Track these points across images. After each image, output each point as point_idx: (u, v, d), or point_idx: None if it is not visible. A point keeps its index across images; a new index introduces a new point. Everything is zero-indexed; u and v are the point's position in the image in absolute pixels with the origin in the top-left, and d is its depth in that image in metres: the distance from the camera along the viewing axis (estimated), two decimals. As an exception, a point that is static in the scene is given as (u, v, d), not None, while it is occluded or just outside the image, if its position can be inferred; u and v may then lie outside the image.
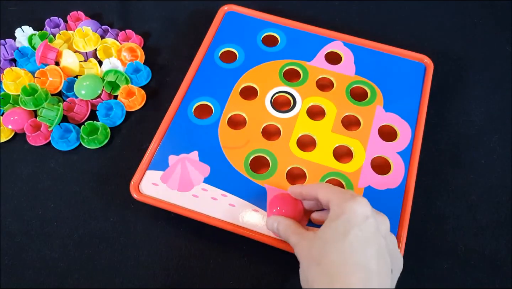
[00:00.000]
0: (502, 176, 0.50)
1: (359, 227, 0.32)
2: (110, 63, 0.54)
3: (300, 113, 0.49)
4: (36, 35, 0.55)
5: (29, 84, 0.50)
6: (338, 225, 0.32)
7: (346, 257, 0.31)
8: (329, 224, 0.33)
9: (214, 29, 0.55)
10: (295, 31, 0.55)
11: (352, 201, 0.33)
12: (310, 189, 0.38)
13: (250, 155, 0.46)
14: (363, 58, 0.53)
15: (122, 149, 0.51)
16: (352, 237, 0.31)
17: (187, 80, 0.51)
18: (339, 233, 0.32)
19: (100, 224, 0.47)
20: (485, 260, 0.45)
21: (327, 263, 0.31)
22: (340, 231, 0.32)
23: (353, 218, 0.32)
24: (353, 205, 0.33)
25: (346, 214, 0.33)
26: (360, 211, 0.33)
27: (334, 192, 0.35)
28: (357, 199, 0.33)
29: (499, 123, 0.53)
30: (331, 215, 0.34)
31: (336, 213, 0.33)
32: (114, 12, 0.61)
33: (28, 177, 0.50)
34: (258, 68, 0.52)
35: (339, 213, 0.33)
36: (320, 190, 0.37)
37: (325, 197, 0.36)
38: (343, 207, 0.33)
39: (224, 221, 0.43)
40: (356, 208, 0.33)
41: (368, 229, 0.32)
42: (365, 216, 0.32)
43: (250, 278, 0.44)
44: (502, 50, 0.59)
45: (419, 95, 0.50)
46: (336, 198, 0.35)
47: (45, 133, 0.50)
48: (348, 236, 0.31)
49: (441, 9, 0.62)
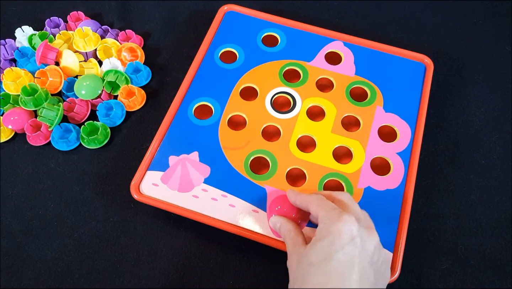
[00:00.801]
0: (502, 176, 0.50)
1: (343, 250, 0.32)
2: (110, 63, 0.54)
3: (300, 114, 0.49)
4: (36, 35, 0.55)
5: (29, 84, 0.50)
6: (322, 246, 0.33)
7: (328, 280, 0.31)
8: (315, 244, 0.33)
9: (214, 29, 0.55)
10: (295, 31, 0.55)
11: (338, 221, 0.33)
12: (303, 200, 0.39)
13: (250, 155, 0.46)
14: (363, 58, 0.53)
15: (122, 149, 0.51)
16: (334, 262, 0.31)
17: (187, 80, 0.51)
18: (323, 255, 0.32)
19: (100, 224, 0.47)
20: (485, 260, 0.45)
21: (310, 285, 0.32)
22: (324, 253, 0.32)
23: (337, 240, 0.32)
24: (338, 225, 0.33)
25: (331, 235, 0.33)
26: (346, 231, 0.32)
27: (323, 208, 0.35)
28: (343, 218, 0.33)
29: (499, 123, 0.53)
30: (317, 233, 0.34)
31: (322, 233, 0.34)
32: (114, 12, 0.61)
33: (28, 177, 0.50)
34: (258, 69, 0.52)
35: (324, 234, 0.33)
36: (311, 205, 0.37)
37: (315, 213, 0.36)
38: (329, 227, 0.33)
39: (224, 222, 0.43)
40: (342, 229, 0.32)
41: (352, 252, 0.32)
42: (350, 237, 0.32)
43: (250, 278, 0.44)
44: (502, 50, 0.59)
45: (419, 95, 0.50)
46: (323, 216, 0.35)
47: (45, 134, 0.50)
48: (331, 261, 0.31)
49: (441, 9, 0.62)
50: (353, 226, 0.33)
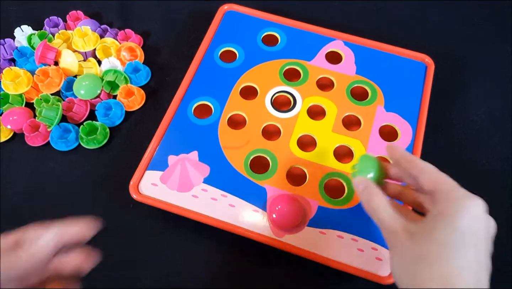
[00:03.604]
0: (503, 176, 0.50)
1: (476, 234, 0.29)
2: (110, 63, 0.54)
3: (300, 113, 0.49)
4: (35, 35, 0.55)
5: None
6: (452, 226, 0.29)
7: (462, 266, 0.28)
8: (441, 221, 0.29)
9: (214, 29, 0.55)
10: (295, 31, 0.54)
11: (468, 200, 0.29)
12: (412, 163, 0.33)
13: (250, 155, 0.46)
14: (363, 57, 0.52)
15: (122, 149, 0.51)
16: (468, 247, 0.28)
17: (186, 80, 0.51)
18: (454, 238, 0.28)
19: (100, 224, 0.46)
20: (485, 261, 0.45)
21: (443, 269, 0.28)
22: (455, 235, 0.28)
23: (468, 222, 0.28)
24: (470, 206, 0.29)
25: (460, 216, 0.29)
26: (476, 214, 0.29)
27: (444, 180, 0.31)
28: (474, 199, 0.29)
29: (499, 123, 0.53)
30: (440, 208, 0.30)
31: (447, 209, 0.29)
32: (114, 11, 0.61)
33: (27, 177, 0.49)
34: (258, 68, 0.52)
35: (451, 211, 0.29)
36: (426, 173, 0.32)
37: (431, 182, 0.31)
38: (457, 205, 0.29)
39: (224, 222, 0.43)
40: (473, 211, 0.29)
41: (482, 235, 0.29)
42: (480, 220, 0.29)
43: (250, 278, 0.44)
44: (502, 50, 0.59)
45: (420, 95, 0.50)
46: (447, 189, 0.30)
47: (43, 134, 0.50)
48: (465, 244, 0.28)
49: (442, 9, 0.62)
50: (483, 208, 0.29)
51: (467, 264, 0.28)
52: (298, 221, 0.42)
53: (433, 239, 0.29)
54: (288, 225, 0.42)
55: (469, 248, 0.28)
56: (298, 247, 0.41)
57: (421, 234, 0.29)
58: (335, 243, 0.42)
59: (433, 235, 0.29)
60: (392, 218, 0.31)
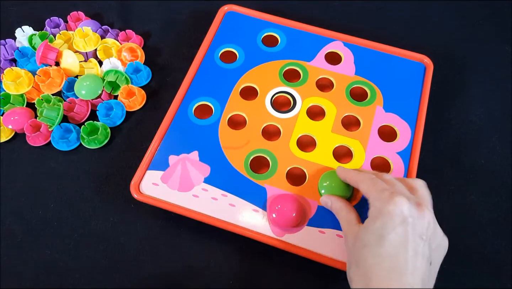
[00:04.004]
0: (502, 176, 0.50)
1: (395, 231, 0.32)
2: (110, 63, 0.54)
3: (300, 114, 0.49)
4: (36, 35, 0.55)
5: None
6: (375, 228, 0.33)
7: (381, 261, 0.32)
8: (367, 226, 0.34)
9: (214, 29, 0.55)
10: (295, 31, 0.55)
11: (389, 203, 0.33)
12: (353, 177, 0.40)
13: (250, 155, 0.46)
14: (363, 58, 0.53)
15: (122, 149, 0.51)
16: (387, 242, 0.32)
17: (187, 80, 0.51)
18: (376, 237, 0.33)
19: (100, 224, 0.47)
20: (485, 260, 0.45)
21: (365, 267, 0.33)
22: (376, 235, 0.33)
23: (389, 222, 0.33)
24: (389, 208, 0.33)
25: (383, 217, 0.33)
26: (397, 212, 0.33)
27: (374, 188, 0.36)
28: (394, 200, 0.33)
29: (499, 123, 0.53)
30: (369, 214, 0.35)
31: (374, 214, 0.34)
32: (114, 12, 0.61)
33: (28, 177, 0.50)
34: (258, 69, 0.52)
35: (376, 215, 0.34)
36: (361, 183, 0.38)
37: (365, 192, 0.37)
38: (381, 209, 0.34)
39: (224, 221, 0.43)
40: (393, 211, 0.33)
41: (404, 232, 0.32)
42: (402, 218, 0.33)
43: (250, 278, 0.44)
44: (502, 50, 0.59)
45: (419, 95, 0.50)
46: (374, 196, 0.35)
47: (44, 134, 0.50)
48: (384, 242, 0.32)
49: (441, 9, 0.62)
50: (404, 207, 0.33)
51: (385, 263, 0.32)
52: (298, 221, 0.42)
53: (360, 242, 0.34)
54: (288, 225, 0.42)
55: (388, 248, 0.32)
56: (298, 246, 0.42)
57: (356, 238, 0.35)
58: (335, 242, 0.42)
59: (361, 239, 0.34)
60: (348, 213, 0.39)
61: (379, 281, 0.31)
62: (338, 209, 0.40)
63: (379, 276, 0.32)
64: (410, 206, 0.34)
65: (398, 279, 0.31)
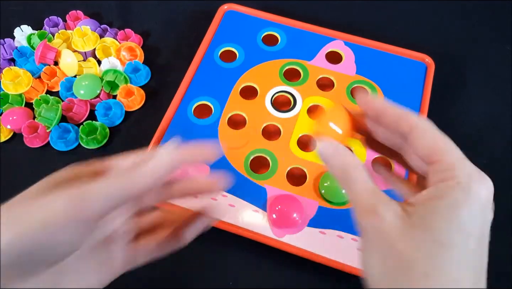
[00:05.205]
0: (502, 175, 0.50)
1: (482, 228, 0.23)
2: (109, 63, 0.54)
3: (300, 113, 0.49)
4: (35, 35, 0.55)
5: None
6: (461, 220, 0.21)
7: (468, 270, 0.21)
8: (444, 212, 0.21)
9: (214, 29, 0.55)
10: (295, 30, 0.54)
11: (480, 182, 0.23)
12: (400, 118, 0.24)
13: (250, 155, 0.46)
14: (364, 57, 0.52)
15: (121, 149, 0.50)
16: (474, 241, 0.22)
17: (186, 79, 0.51)
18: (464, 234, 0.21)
19: (99, 224, 0.47)
20: (485, 260, 0.45)
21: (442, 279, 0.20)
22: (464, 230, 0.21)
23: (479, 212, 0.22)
24: (481, 191, 0.23)
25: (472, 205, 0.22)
26: (488, 200, 0.23)
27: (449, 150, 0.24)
28: (486, 180, 0.23)
29: (499, 123, 0.53)
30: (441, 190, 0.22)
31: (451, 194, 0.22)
32: (113, 11, 0.61)
33: (27, 177, 0.49)
34: (258, 68, 0.52)
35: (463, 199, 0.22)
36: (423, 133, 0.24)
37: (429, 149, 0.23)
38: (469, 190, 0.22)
39: (224, 221, 0.43)
40: (486, 197, 0.23)
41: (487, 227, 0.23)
42: (487, 210, 0.23)
43: (250, 278, 0.44)
44: (502, 50, 0.59)
45: (420, 95, 0.50)
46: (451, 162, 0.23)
47: (42, 135, 0.50)
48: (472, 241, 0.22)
49: (441, 9, 0.62)
50: (491, 190, 0.23)
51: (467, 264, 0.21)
52: (298, 221, 0.42)
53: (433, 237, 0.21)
54: (288, 225, 0.42)
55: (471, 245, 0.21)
56: (298, 247, 0.41)
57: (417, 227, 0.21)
58: (335, 243, 0.42)
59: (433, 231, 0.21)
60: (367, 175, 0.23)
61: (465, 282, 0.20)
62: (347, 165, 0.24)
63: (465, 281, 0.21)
64: None
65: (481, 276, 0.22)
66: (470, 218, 0.22)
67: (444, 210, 0.21)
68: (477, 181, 0.23)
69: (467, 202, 0.22)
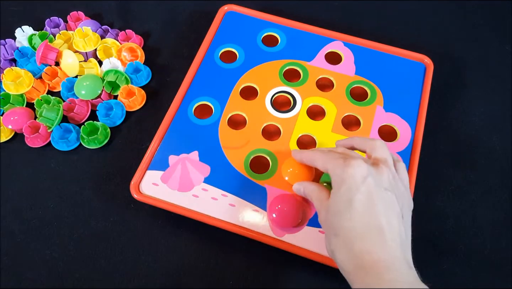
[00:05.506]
0: (502, 176, 0.50)
1: (360, 191, 0.33)
2: (110, 63, 0.54)
3: (300, 113, 0.49)
4: (36, 35, 0.55)
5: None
6: (341, 194, 0.34)
7: (356, 222, 0.33)
8: (334, 195, 0.35)
9: (214, 29, 0.55)
10: (295, 31, 0.55)
11: (347, 166, 0.34)
12: (308, 157, 0.40)
13: (250, 155, 0.46)
14: (363, 58, 0.53)
15: (122, 149, 0.51)
16: (356, 203, 0.33)
17: (187, 80, 0.51)
18: (345, 201, 0.34)
19: (100, 224, 0.47)
20: (485, 260, 0.45)
21: (343, 233, 0.33)
22: (345, 199, 0.34)
23: (352, 184, 0.34)
24: (349, 171, 0.34)
25: (346, 182, 0.34)
26: (357, 174, 0.34)
27: (329, 160, 0.37)
28: (352, 163, 0.34)
29: (499, 123, 0.53)
30: (333, 185, 0.36)
31: (337, 183, 0.35)
32: (114, 12, 0.61)
33: (28, 177, 0.50)
34: (258, 68, 0.52)
35: (339, 183, 0.35)
36: (317, 160, 0.38)
37: (323, 167, 0.37)
38: (341, 175, 0.34)
39: (224, 221, 0.43)
40: (353, 173, 0.34)
41: (368, 189, 0.33)
42: (363, 178, 0.34)
43: (250, 278, 0.44)
44: (502, 50, 0.59)
45: (419, 95, 0.50)
46: (332, 167, 0.36)
47: (43, 135, 0.50)
48: (352, 204, 0.33)
49: (441, 9, 0.62)
50: (362, 167, 0.34)
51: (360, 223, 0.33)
52: (298, 221, 0.42)
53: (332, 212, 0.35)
54: (288, 225, 0.42)
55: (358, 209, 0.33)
56: (298, 247, 0.42)
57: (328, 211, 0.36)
58: (335, 242, 0.42)
59: (332, 209, 0.35)
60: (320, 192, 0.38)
61: (362, 242, 0.32)
62: (311, 191, 0.39)
63: (360, 237, 0.32)
64: (368, 166, 0.34)
65: (378, 235, 0.32)
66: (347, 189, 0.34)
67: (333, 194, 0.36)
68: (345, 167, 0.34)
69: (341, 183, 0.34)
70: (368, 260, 0.31)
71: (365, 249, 0.32)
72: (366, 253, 0.32)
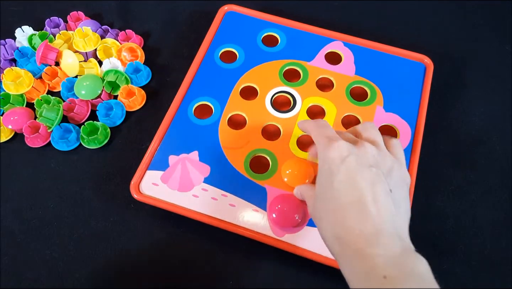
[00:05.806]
0: (502, 176, 0.50)
1: (340, 171, 0.33)
2: (110, 63, 0.54)
3: (300, 113, 0.49)
4: (36, 35, 0.55)
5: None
6: (324, 177, 0.34)
7: (337, 204, 0.32)
8: (318, 179, 0.35)
9: (214, 29, 0.55)
10: (295, 31, 0.55)
11: (329, 149, 0.34)
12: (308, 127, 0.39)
13: (250, 155, 0.46)
14: (363, 58, 0.53)
15: (122, 149, 0.51)
16: (336, 184, 0.33)
17: (187, 80, 0.51)
18: (327, 184, 0.34)
19: (100, 224, 0.47)
20: (485, 260, 0.45)
21: (325, 217, 0.34)
22: (328, 182, 0.33)
23: (332, 166, 0.33)
24: (329, 154, 0.34)
25: (327, 164, 0.34)
26: (336, 156, 0.33)
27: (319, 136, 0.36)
28: (333, 146, 0.34)
29: (499, 123, 0.53)
30: (318, 168, 0.36)
31: (320, 165, 0.35)
32: (114, 12, 0.61)
33: (28, 177, 0.50)
34: (258, 68, 0.52)
35: (322, 165, 0.35)
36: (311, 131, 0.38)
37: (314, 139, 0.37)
38: (323, 157, 0.34)
39: (224, 221, 0.43)
40: (333, 155, 0.33)
41: (348, 169, 0.33)
42: (342, 159, 0.33)
43: (250, 278, 0.44)
44: (502, 50, 0.59)
45: (419, 95, 0.50)
46: (319, 146, 0.36)
47: (43, 135, 0.50)
48: (333, 185, 0.33)
49: (441, 9, 0.62)
50: (341, 148, 0.33)
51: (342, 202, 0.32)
52: (298, 221, 0.42)
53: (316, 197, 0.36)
54: (288, 225, 0.42)
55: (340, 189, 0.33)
56: (298, 247, 0.42)
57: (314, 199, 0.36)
58: (335, 242, 0.42)
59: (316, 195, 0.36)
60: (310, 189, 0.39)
61: (344, 220, 0.32)
62: (303, 191, 0.40)
63: (342, 216, 0.32)
64: (349, 145, 0.34)
65: (361, 211, 0.31)
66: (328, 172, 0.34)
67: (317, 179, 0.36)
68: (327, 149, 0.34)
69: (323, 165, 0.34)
70: (351, 236, 0.31)
71: (347, 226, 0.31)
72: (349, 229, 0.31)
